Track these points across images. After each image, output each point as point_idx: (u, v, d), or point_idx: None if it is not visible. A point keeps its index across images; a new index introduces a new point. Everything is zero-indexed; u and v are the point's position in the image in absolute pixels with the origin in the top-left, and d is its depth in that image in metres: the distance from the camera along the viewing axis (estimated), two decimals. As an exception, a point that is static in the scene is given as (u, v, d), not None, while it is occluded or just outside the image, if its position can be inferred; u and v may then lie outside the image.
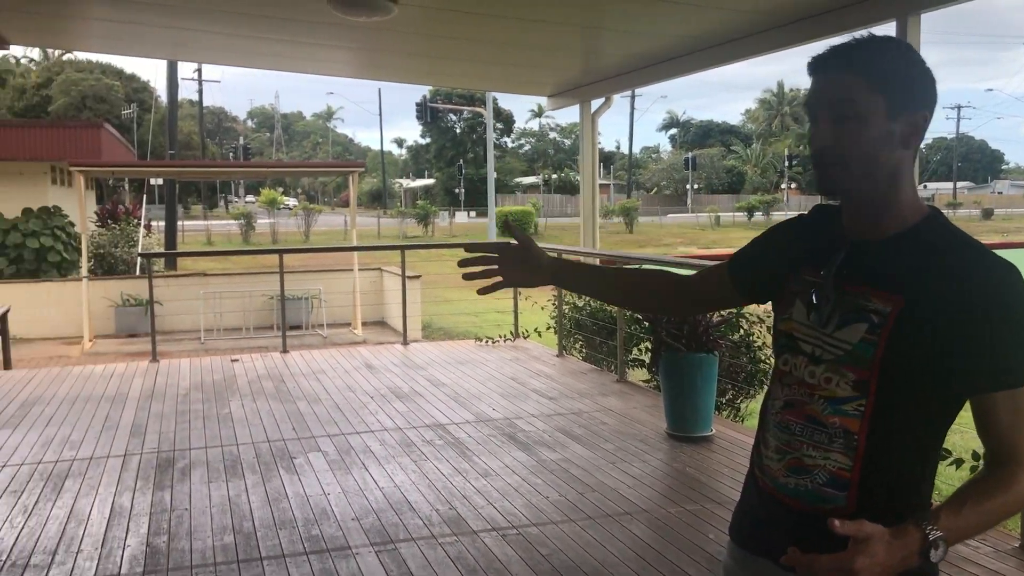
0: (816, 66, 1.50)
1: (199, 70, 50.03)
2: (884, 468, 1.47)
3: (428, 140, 71.06)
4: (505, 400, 6.69)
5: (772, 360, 1.74)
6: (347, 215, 19.91)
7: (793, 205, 62.06)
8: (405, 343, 9.42)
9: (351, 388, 7.21)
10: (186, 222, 40.29)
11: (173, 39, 8.36)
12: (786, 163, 66.82)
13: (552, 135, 78.49)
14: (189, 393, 7.12)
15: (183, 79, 47.49)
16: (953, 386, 1.43)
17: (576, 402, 6.60)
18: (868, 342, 1.45)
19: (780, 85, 78.94)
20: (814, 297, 1.54)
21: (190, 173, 22.66)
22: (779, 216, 49.89)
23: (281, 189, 56.43)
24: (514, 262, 1.86)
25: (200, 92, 51.98)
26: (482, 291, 1.93)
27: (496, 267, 1.87)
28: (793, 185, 70.60)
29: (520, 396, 6.82)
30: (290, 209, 48.27)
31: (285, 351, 9.03)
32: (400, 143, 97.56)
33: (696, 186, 70.40)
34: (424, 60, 8.56)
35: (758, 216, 53.87)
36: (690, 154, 68.64)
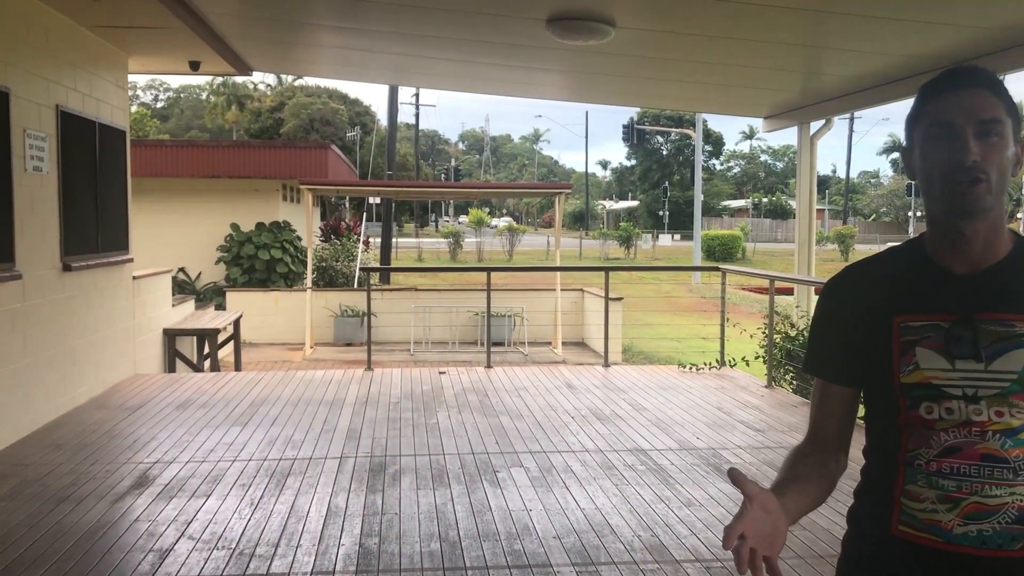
0: (958, 82, 1.47)
1: (417, 95, 52.61)
2: None
3: (633, 162, 71.05)
4: (710, 429, 6.52)
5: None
6: (550, 235, 20.19)
7: None
8: (606, 365, 9.40)
9: (552, 407, 7.27)
10: (399, 239, 42.28)
11: (396, 65, 8.84)
12: (1023, 191, 61.62)
13: (763, 157, 76.45)
14: (400, 402, 7.42)
15: (402, 103, 50.06)
16: None
17: (786, 436, 6.34)
18: None
19: (1022, 107, 73.03)
20: (954, 338, 1.46)
21: (405, 193, 23.77)
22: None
23: (488, 209, 58.14)
24: (760, 525, 1.35)
25: (416, 116, 54.64)
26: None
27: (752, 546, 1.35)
28: (1020, 215, 64.97)
29: (726, 426, 6.63)
30: (494, 228, 49.56)
31: (489, 366, 9.24)
32: (604, 165, 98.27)
33: (919, 214, 66.22)
34: (636, 82, 8.57)
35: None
36: (914, 180, 64.62)
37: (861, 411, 1.67)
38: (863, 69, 6.85)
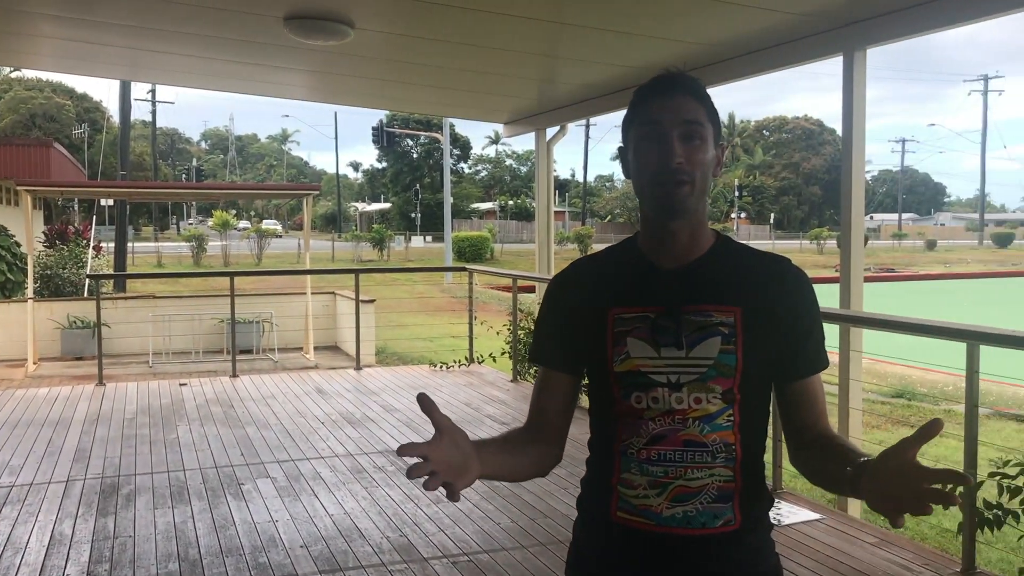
0: (666, 88, 1.58)
1: (153, 91, 49.54)
2: (752, 468, 1.60)
3: (384, 164, 70.95)
4: (459, 425, 6.64)
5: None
6: (300, 238, 19.74)
7: (743, 234, 62.93)
8: (358, 368, 9.35)
9: (302, 413, 7.12)
10: (136, 244, 39.66)
11: (128, 59, 8.27)
12: (736, 193, 67.84)
13: (508, 162, 78.89)
14: (136, 417, 6.98)
15: (136, 99, 46.99)
16: (785, 374, 1.61)
17: (529, 428, 6.59)
18: (727, 352, 1.55)
19: (731, 117, 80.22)
20: (659, 327, 1.56)
21: (141, 194, 22.30)
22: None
23: (234, 212, 55.87)
24: (447, 453, 1.41)
25: (153, 113, 51.46)
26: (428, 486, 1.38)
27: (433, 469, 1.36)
28: (743, 215, 71.68)
29: (475, 421, 6.80)
30: (241, 231, 47.73)
31: (235, 375, 8.91)
32: (356, 167, 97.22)
33: (650, 214, 70.81)
34: (381, 84, 8.56)
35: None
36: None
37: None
38: (593, 79, 7.26)
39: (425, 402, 1.35)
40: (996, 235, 68.87)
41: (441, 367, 9.29)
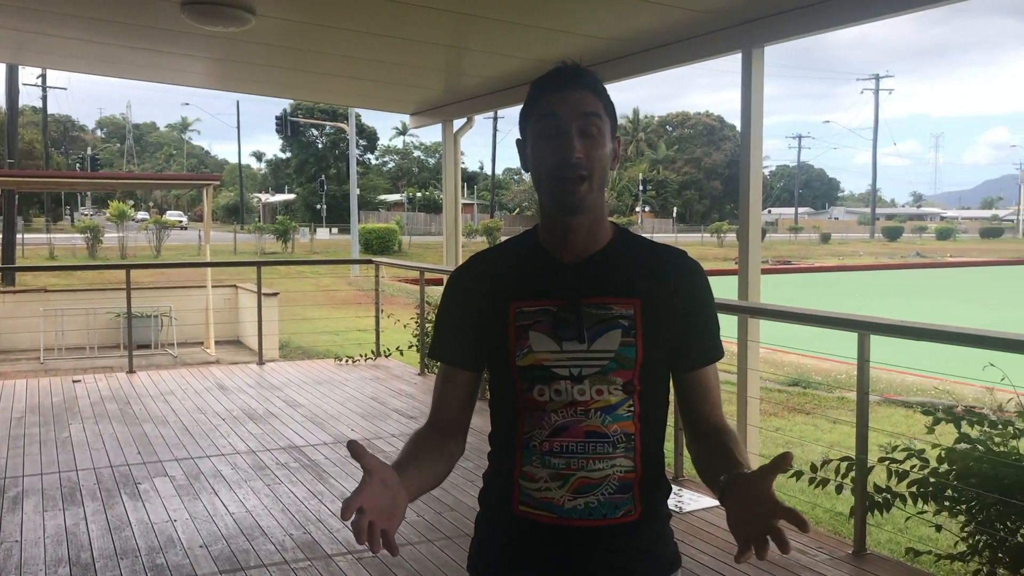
0: (564, 81, 1.57)
1: (43, 75, 47.48)
2: (652, 457, 1.62)
3: (289, 154, 69.57)
4: (365, 420, 6.59)
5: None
6: (201, 230, 19.25)
7: (647, 227, 64.06)
8: (261, 363, 9.16)
9: (201, 410, 6.94)
10: (27, 235, 37.98)
11: (12, 42, 7.88)
12: (640, 187, 68.98)
13: (416, 153, 78.48)
14: (24, 416, 6.69)
15: (25, 84, 45.03)
16: (682, 365, 1.63)
17: (436, 421, 6.57)
18: (627, 345, 1.56)
19: (636, 112, 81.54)
20: (561, 321, 1.56)
21: (31, 183, 21.33)
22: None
23: (132, 203, 54.05)
24: (379, 497, 1.34)
25: (44, 99, 49.36)
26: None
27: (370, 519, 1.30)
28: (647, 208, 72.92)
29: (380, 416, 6.74)
30: (139, 223, 46.20)
31: (131, 371, 8.62)
32: (259, 157, 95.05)
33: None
34: (284, 73, 8.38)
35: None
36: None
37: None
38: (500, 71, 7.26)
39: (354, 448, 1.32)
40: (886, 228, 71.83)
41: (347, 361, 9.18)
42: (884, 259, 48.14)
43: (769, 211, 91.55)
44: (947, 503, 3.78)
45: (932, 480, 3.78)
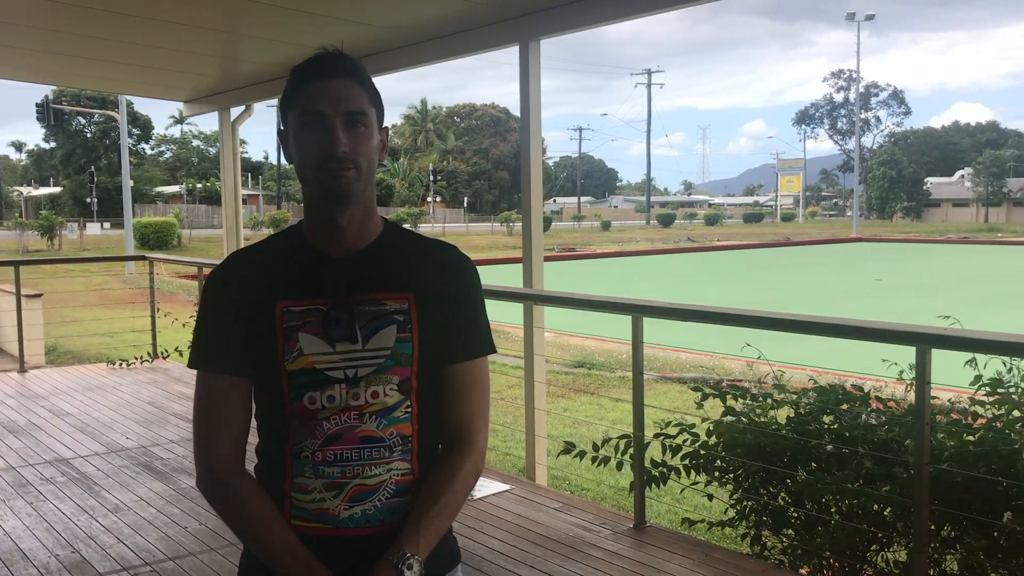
0: (326, 70, 1.52)
1: None
2: (430, 457, 1.60)
3: (53, 144, 64.35)
4: (141, 427, 6.21)
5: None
6: (-51, 227, 17.44)
7: (439, 217, 64.50)
8: (22, 370, 8.44)
9: (-48, 425, 6.30)
10: None
11: None
12: (431, 177, 69.30)
13: (196, 143, 74.84)
14: None
15: None
16: (445, 358, 1.59)
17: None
18: (403, 340, 1.54)
19: (424, 102, 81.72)
20: (332, 321, 1.51)
21: None
22: (426, 228, 51.54)
23: None
24: None
25: None
26: None
27: None
28: (439, 198, 73.40)
29: (158, 421, 6.38)
30: None
31: None
32: (19, 147, 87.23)
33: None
34: (45, 57, 7.72)
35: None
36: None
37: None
38: (278, 57, 7.03)
39: None
40: (661, 216, 75.96)
41: (121, 364, 8.63)
42: (659, 244, 50.85)
43: (554, 200, 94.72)
44: (717, 473, 4.05)
45: (703, 452, 4.03)
